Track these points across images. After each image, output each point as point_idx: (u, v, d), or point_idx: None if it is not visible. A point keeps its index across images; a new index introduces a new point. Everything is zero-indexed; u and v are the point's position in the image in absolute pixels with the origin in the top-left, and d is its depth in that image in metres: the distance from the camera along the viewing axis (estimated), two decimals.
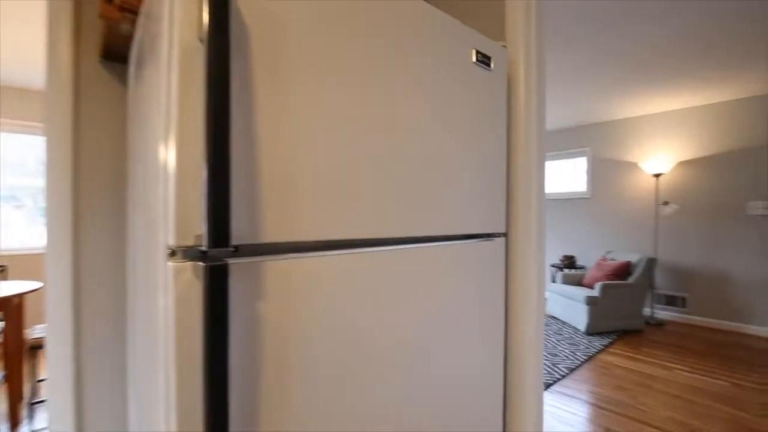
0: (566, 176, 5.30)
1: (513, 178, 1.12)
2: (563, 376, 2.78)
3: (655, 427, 2.13)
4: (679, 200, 4.25)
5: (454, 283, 0.89)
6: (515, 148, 1.13)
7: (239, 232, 0.53)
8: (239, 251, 0.55)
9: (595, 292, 3.77)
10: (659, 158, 4.22)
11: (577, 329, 3.88)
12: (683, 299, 4.23)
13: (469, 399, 0.93)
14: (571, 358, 3.12)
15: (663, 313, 4.35)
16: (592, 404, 2.39)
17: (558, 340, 3.55)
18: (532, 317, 1.11)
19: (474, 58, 0.91)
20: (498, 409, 1.04)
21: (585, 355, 3.17)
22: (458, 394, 0.89)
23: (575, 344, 3.45)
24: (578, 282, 4.38)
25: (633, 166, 4.59)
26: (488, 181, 0.99)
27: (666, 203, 4.20)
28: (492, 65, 0.98)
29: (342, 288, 0.66)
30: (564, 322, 4.11)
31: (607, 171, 4.81)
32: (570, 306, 4.01)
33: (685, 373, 2.87)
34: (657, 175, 4.23)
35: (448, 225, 0.87)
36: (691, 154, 4.19)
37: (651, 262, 3.93)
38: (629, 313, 3.85)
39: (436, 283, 0.84)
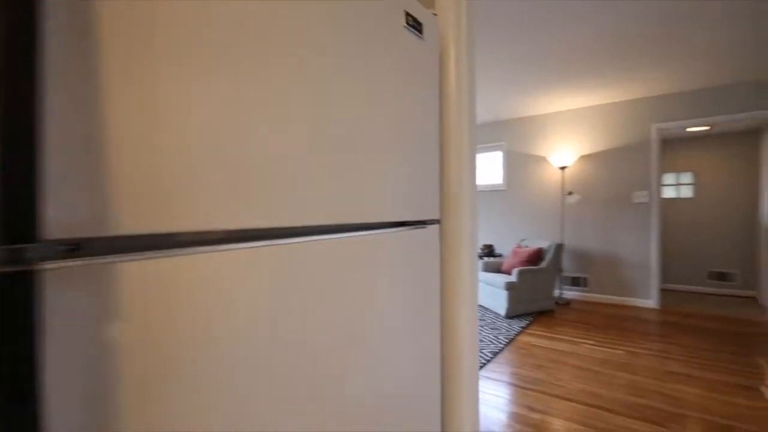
0: (485, 169, 5.56)
1: (446, 162, 1.05)
2: (488, 361, 2.88)
3: (571, 400, 2.28)
4: (581, 190, 4.69)
5: (386, 274, 0.78)
6: (448, 131, 1.05)
7: (75, 219, 0.35)
8: (81, 248, 0.37)
9: (513, 278, 4.00)
10: (564, 152, 4.61)
11: (498, 314, 4.09)
12: (585, 279, 4.69)
13: (406, 394, 0.83)
14: (495, 342, 3.25)
15: (569, 293, 4.79)
16: (516, 386, 2.49)
17: (481, 326, 3.69)
18: (467, 305, 1.06)
19: (404, 21, 0.81)
20: (436, 400, 0.96)
21: (506, 339, 3.33)
22: (395, 392, 0.79)
23: (497, 328, 3.61)
24: (497, 269, 4.62)
25: (542, 159, 4.96)
26: (421, 165, 0.90)
27: (570, 193, 4.61)
28: (424, 34, 0.88)
29: (248, 293, 0.50)
30: (486, 308, 4.31)
31: (520, 164, 5.15)
32: (491, 292, 4.20)
33: (591, 347, 3.15)
34: (563, 168, 4.62)
35: (379, 211, 0.76)
36: (590, 149, 4.64)
37: (559, 248, 4.28)
38: (542, 295, 4.16)
39: (366, 275, 0.72)
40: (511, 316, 3.96)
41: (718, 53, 3.23)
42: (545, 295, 4.18)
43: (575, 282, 4.76)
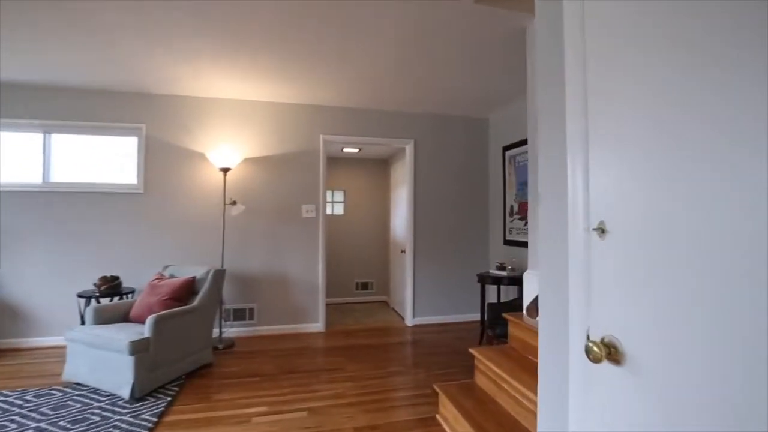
0: (106, 160, 3.66)
1: None
2: None
3: None
4: (247, 200, 3.81)
5: None
6: None
7: None
8: None
9: (146, 331, 2.50)
10: (227, 151, 3.59)
11: (117, 396, 2.43)
12: (251, 310, 3.80)
13: None
14: None
15: (232, 331, 3.74)
16: None
17: None
18: None
19: None
20: None
21: None
22: None
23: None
24: (124, 316, 2.92)
25: (200, 156, 3.73)
26: None
27: (234, 203, 3.62)
28: None
29: None
30: (96, 390, 2.52)
31: (167, 159, 3.67)
32: (105, 361, 2.48)
33: (266, 417, 2.20)
34: (225, 170, 3.57)
35: None
36: (257, 151, 3.86)
37: (219, 275, 3.16)
38: (196, 345, 2.87)
39: None
40: (141, 395, 2.42)
41: (376, 79, 3.22)
42: (200, 344, 2.92)
43: (239, 315, 3.78)
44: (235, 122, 3.81)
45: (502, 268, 3.66)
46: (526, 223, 3.72)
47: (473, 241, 4.42)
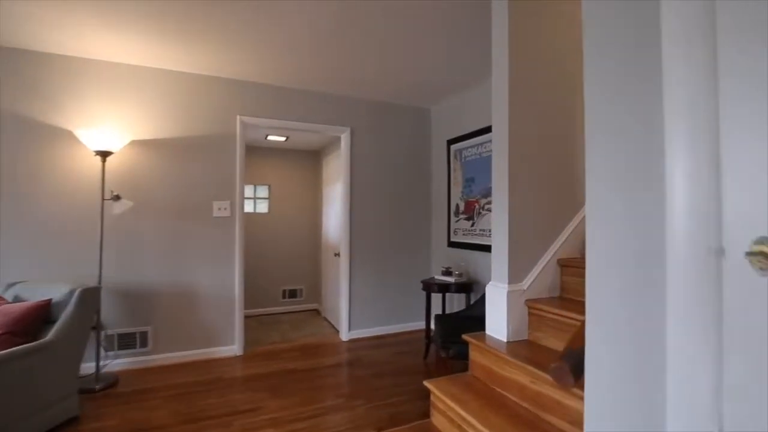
0: None
1: None
2: None
3: None
4: (136, 194, 2.98)
5: None
6: None
7: None
8: None
9: None
10: (107, 130, 2.74)
11: None
12: (143, 335, 2.99)
13: None
14: None
15: (117, 363, 2.90)
16: None
17: None
18: None
19: None
20: None
21: None
22: None
23: None
24: None
25: (68, 135, 2.82)
26: None
27: (117, 197, 2.79)
28: None
29: None
30: None
31: (17, 136, 2.71)
32: None
33: None
34: (104, 155, 2.73)
35: None
36: (150, 132, 3.04)
37: (89, 295, 2.35)
38: (52, 395, 2.06)
39: None
40: None
41: (306, 50, 2.64)
42: (59, 392, 2.11)
43: (127, 342, 2.95)
44: (120, 93, 2.96)
45: (448, 273, 3.31)
46: (473, 224, 3.41)
47: (415, 242, 4.04)
